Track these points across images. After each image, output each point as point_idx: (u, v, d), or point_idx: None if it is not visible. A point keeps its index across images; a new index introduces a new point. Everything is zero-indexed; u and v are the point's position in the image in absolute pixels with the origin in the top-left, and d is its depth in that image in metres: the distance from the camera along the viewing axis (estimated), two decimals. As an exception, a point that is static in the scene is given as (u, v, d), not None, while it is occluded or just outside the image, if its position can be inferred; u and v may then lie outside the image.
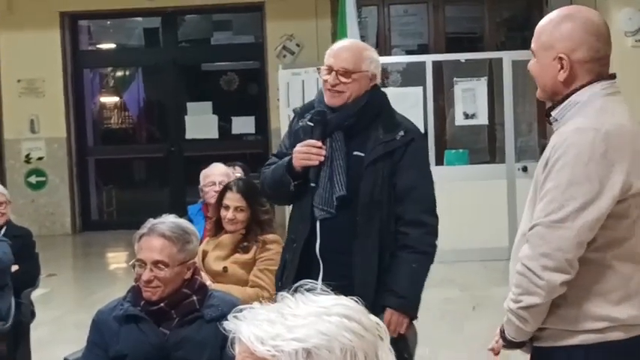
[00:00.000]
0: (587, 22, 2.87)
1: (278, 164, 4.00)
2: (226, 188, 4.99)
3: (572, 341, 2.85)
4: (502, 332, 2.99)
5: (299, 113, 4.08)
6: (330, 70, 3.90)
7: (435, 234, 3.96)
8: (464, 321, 7.60)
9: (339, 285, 1.74)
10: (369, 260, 3.85)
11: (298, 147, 3.89)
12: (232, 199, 4.89)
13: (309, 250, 3.92)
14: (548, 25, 2.92)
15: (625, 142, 2.79)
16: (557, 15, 2.92)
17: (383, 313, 3.82)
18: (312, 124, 3.93)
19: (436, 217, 3.98)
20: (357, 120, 3.91)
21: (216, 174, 5.61)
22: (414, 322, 3.99)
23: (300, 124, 4.00)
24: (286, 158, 3.95)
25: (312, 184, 3.87)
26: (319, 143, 3.86)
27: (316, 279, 3.84)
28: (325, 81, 3.91)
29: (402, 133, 3.91)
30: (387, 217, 3.88)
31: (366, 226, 3.86)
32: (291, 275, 3.97)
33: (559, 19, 2.90)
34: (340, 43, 4.02)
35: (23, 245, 5.62)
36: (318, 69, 4.00)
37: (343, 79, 3.87)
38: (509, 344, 2.99)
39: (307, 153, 3.86)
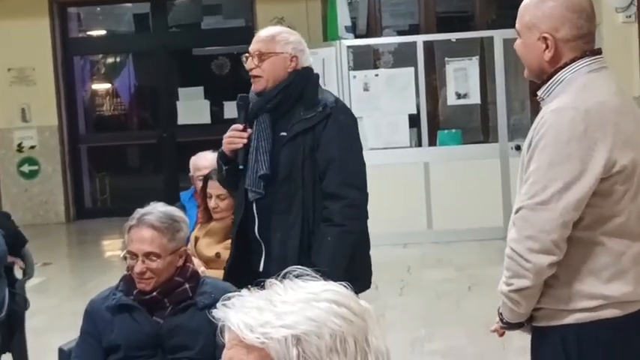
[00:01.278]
0: (568, 0, 2.86)
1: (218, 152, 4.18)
2: (208, 177, 4.98)
3: (566, 320, 2.86)
4: (500, 314, 2.99)
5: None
6: (249, 55, 4.04)
7: (355, 207, 3.96)
8: (460, 301, 7.61)
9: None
10: (288, 236, 3.93)
11: (226, 133, 4.06)
12: (213, 187, 4.89)
13: (250, 232, 4.05)
14: (531, 4, 2.92)
15: (606, 120, 2.78)
16: None
17: None
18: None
19: (359, 189, 3.99)
20: (280, 102, 4.00)
21: (206, 167, 5.46)
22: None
23: None
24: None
25: (241, 167, 4.02)
26: (241, 127, 4.02)
27: (259, 259, 4.00)
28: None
29: (320, 109, 3.99)
30: (312, 194, 3.94)
31: (285, 202, 3.95)
32: (230, 257, 4.15)
33: None
34: (262, 30, 4.16)
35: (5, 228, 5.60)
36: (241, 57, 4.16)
37: (257, 62, 4.00)
38: (508, 326, 3.00)
39: (232, 137, 4.03)
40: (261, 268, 3.97)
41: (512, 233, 2.82)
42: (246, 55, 4.06)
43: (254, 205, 4.02)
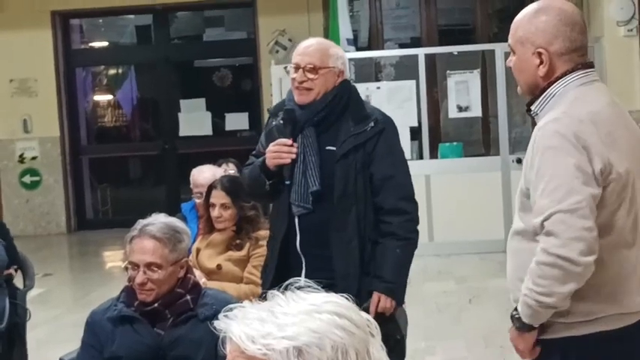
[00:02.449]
0: (561, 14, 2.89)
1: (254, 164, 4.09)
2: (212, 187, 5.00)
3: (567, 333, 2.86)
4: (518, 319, 2.89)
5: (273, 113, 4.18)
6: (298, 67, 3.99)
7: (415, 220, 4.03)
8: (461, 313, 7.60)
9: (324, 280, 1.74)
10: (348, 251, 3.92)
11: (270, 147, 3.98)
12: (217, 196, 4.91)
13: (289, 246, 4.00)
14: (524, 19, 2.94)
15: (600, 128, 2.81)
16: (531, 9, 2.95)
17: (368, 300, 3.89)
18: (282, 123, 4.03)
19: (415, 203, 4.05)
20: (326, 115, 3.98)
21: (204, 184, 5.45)
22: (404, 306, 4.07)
23: (274, 123, 4.08)
24: (261, 158, 4.03)
25: (287, 182, 3.96)
26: (289, 142, 3.95)
27: (298, 275, 3.95)
28: (293, 79, 4.00)
29: (372, 124, 3.98)
30: (365, 207, 3.94)
31: (342, 218, 3.93)
32: (271, 273, 4.07)
33: (533, 13, 2.93)
34: (307, 42, 4.10)
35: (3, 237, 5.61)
36: (286, 68, 4.10)
37: (310, 76, 3.96)
38: (527, 328, 2.90)
39: (278, 152, 3.95)
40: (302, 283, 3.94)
41: (551, 240, 2.73)
42: (293, 66, 4.01)
43: (296, 219, 3.98)
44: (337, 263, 3.91)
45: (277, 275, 4.02)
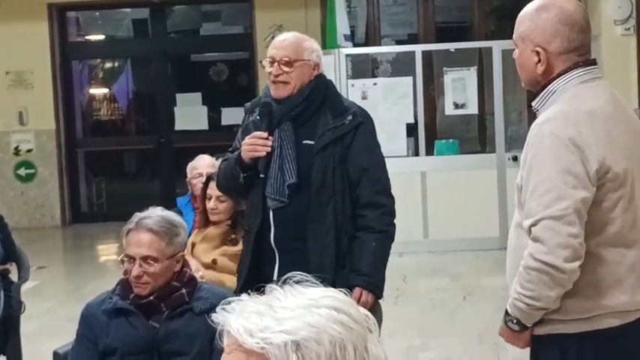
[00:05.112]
0: (562, 13, 2.89)
1: (230, 158, 4.11)
2: (209, 178, 5.01)
3: (566, 330, 2.86)
4: (511, 320, 2.92)
5: (249, 109, 4.19)
6: (273, 61, 4.00)
7: (391, 214, 4.04)
8: (455, 310, 7.60)
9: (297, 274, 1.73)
10: (324, 243, 3.93)
11: (246, 139, 4.00)
12: (214, 188, 4.90)
13: (264, 241, 4.01)
14: (525, 15, 2.96)
15: (597, 127, 2.81)
16: (534, 5, 2.96)
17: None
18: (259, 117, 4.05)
19: (391, 197, 4.06)
20: (303, 109, 4.00)
21: (203, 165, 5.62)
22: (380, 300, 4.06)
23: (251, 119, 4.10)
24: (237, 152, 4.06)
25: (262, 175, 3.98)
26: (265, 134, 3.97)
27: (272, 269, 3.98)
28: (269, 73, 4.01)
29: (350, 117, 4.00)
30: (342, 200, 3.96)
31: (318, 211, 3.94)
32: (245, 267, 4.07)
33: (535, 10, 2.94)
34: (281, 36, 4.13)
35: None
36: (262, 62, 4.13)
37: (285, 69, 3.98)
38: (524, 328, 2.93)
39: (254, 145, 3.97)
40: (275, 277, 3.95)
41: (538, 247, 2.76)
42: (268, 60, 4.02)
43: (270, 213, 3.99)
44: (313, 256, 3.92)
45: (251, 270, 4.03)
